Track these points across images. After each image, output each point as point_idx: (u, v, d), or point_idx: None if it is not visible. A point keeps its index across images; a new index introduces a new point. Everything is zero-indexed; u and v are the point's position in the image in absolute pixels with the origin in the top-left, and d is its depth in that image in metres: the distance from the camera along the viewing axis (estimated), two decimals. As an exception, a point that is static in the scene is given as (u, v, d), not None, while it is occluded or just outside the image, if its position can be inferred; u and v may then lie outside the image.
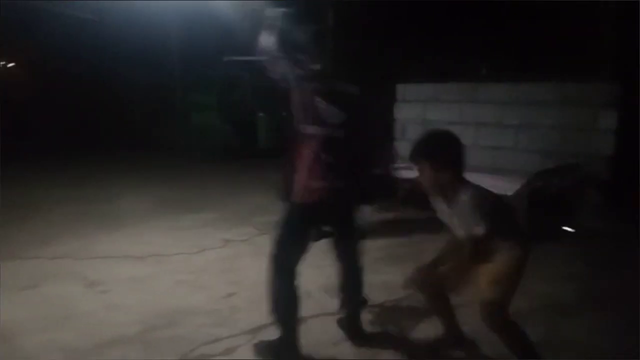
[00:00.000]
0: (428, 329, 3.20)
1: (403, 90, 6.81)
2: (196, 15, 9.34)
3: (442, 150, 2.44)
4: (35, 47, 10.83)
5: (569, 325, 3.25)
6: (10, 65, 18.95)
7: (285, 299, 2.79)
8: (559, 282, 3.86)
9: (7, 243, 4.73)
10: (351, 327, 3.13)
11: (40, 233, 5.07)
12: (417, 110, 6.44)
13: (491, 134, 5.94)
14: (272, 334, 2.88)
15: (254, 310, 3.40)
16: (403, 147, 6.73)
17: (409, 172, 2.93)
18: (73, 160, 8.91)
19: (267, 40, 2.67)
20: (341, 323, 3.16)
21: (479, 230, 2.32)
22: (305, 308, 3.37)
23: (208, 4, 8.46)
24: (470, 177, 2.47)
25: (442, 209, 2.53)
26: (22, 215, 5.63)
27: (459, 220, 2.45)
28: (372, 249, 4.60)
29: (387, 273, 4.05)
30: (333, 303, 3.49)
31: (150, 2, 8.76)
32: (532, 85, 5.73)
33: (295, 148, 2.72)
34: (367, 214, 4.53)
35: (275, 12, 2.70)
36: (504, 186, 5.05)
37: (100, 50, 10.05)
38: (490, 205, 2.39)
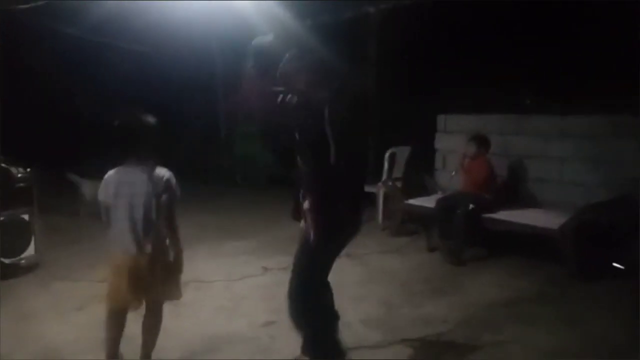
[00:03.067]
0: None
1: (444, 120, 6.79)
2: (242, 46, 9.66)
3: None
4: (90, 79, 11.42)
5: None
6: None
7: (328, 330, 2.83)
8: (609, 322, 3.69)
9: (58, 265, 4.92)
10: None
11: (88, 256, 5.22)
12: (459, 141, 6.38)
13: (536, 166, 5.82)
14: None
15: (293, 340, 3.39)
16: (443, 177, 6.71)
17: None
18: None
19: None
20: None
21: None
22: (344, 340, 3.35)
23: (254, 33, 8.76)
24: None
25: None
26: (71, 238, 5.84)
27: None
28: (413, 282, 4.55)
29: (428, 307, 3.98)
30: (372, 336, 3.46)
31: (194, 31, 9.09)
32: (579, 117, 5.60)
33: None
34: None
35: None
36: (549, 219, 4.92)
37: (152, 82, 10.49)
38: None
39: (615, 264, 4.67)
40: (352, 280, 4.56)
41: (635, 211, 4.76)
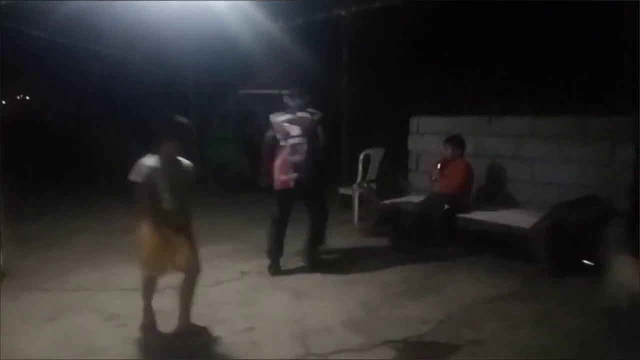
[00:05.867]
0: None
1: (417, 122, 6.86)
2: (214, 50, 9.57)
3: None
4: (55, 81, 11.13)
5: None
6: (27, 98, 19.39)
7: (275, 240, 4.78)
8: (580, 318, 3.79)
9: (27, 274, 4.75)
10: (310, 258, 4.90)
11: (60, 265, 5.09)
12: (431, 143, 6.46)
13: (507, 166, 5.94)
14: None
15: (274, 345, 3.37)
16: (416, 178, 6.79)
17: None
18: (89, 191, 8.97)
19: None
20: (303, 255, 5.00)
21: None
22: (327, 344, 3.36)
23: (226, 38, 8.70)
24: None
25: None
26: (41, 247, 5.66)
27: None
28: (392, 283, 4.58)
29: (407, 308, 4.01)
30: (354, 339, 3.46)
31: (167, 33, 8.96)
32: (548, 118, 5.75)
33: (273, 155, 4.68)
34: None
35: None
36: (522, 219, 5.03)
37: (120, 85, 10.31)
38: None
39: (585, 261, 4.81)
40: (331, 282, 4.56)
41: (602, 209, 4.92)
